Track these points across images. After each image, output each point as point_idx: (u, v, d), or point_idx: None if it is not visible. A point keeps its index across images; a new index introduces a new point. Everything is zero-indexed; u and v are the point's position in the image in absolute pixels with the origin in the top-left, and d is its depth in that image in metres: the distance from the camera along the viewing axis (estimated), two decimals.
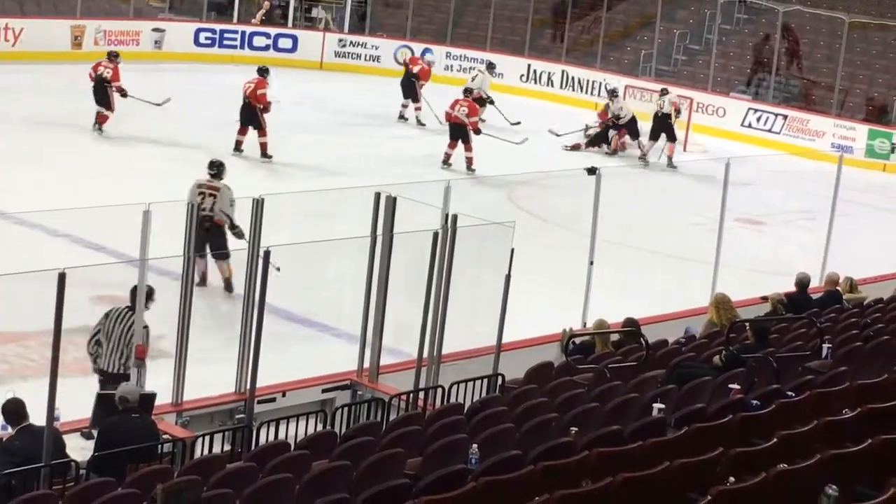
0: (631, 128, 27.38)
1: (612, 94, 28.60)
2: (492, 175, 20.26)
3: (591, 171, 14.97)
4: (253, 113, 23.31)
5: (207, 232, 15.10)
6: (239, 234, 14.81)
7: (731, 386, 10.77)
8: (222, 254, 15.43)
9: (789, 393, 10.39)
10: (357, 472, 8.83)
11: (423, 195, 12.30)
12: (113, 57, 24.74)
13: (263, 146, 23.44)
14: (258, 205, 11.14)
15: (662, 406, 10.17)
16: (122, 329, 11.67)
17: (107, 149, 22.80)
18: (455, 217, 11.89)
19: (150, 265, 10.92)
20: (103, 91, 24.15)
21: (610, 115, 27.57)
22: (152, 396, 10.54)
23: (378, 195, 12.00)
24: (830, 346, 12.28)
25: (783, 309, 14.36)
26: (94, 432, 10.19)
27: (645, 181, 24.61)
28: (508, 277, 12.19)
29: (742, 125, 30.95)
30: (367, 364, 12.27)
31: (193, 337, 11.15)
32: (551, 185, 22.35)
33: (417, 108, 28.10)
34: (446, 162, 24.11)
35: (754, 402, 10.12)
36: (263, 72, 24.08)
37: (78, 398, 10.45)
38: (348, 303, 13.21)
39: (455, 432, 9.65)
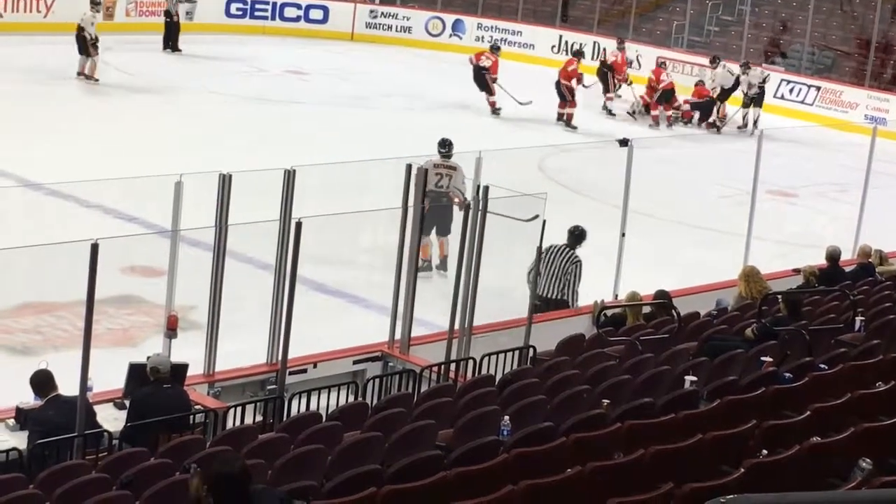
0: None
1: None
2: (524, 146, 20.18)
3: (623, 142, 14.91)
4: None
5: (444, 209, 15.64)
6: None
7: (763, 359, 10.73)
8: (447, 230, 15.72)
9: (822, 366, 10.35)
10: (388, 443, 8.84)
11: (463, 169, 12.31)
12: (494, 49, 27.11)
13: (570, 117, 26.22)
14: (289, 176, 11.13)
15: (694, 378, 10.13)
16: (561, 262, 13.99)
17: (137, 122, 22.79)
18: (486, 188, 11.85)
19: (183, 236, 10.91)
20: (482, 79, 26.54)
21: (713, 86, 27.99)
22: (184, 367, 10.53)
23: (409, 167, 11.97)
24: (863, 318, 12.22)
25: (815, 281, 14.28)
26: (127, 402, 10.18)
27: (676, 153, 24.48)
28: (539, 249, 12.15)
29: (775, 97, 30.74)
30: (398, 335, 12.25)
31: (225, 307, 11.13)
32: (583, 157, 22.29)
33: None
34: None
35: (787, 374, 10.08)
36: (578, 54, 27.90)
37: (111, 368, 10.42)
38: (379, 274, 13.19)
39: (486, 404, 9.64)
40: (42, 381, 9.76)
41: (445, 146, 16.52)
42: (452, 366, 11.71)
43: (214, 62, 27.56)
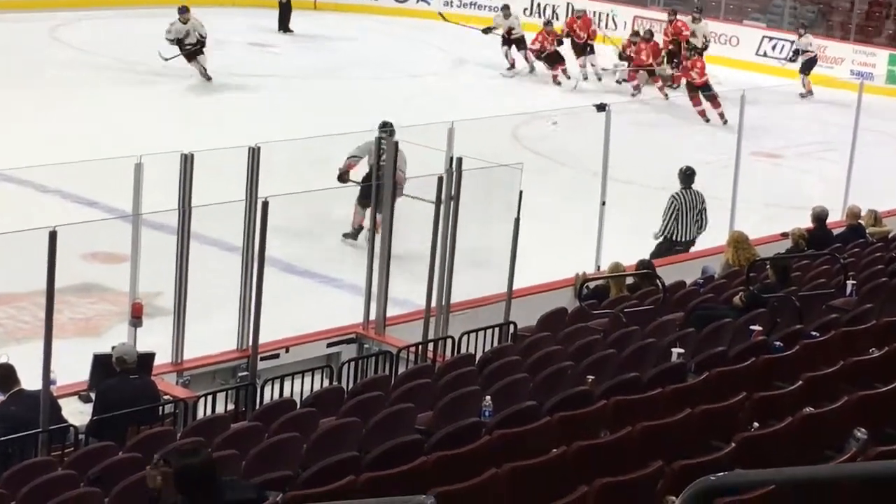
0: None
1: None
2: (497, 115, 19.90)
3: (601, 107, 14.67)
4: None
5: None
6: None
7: (752, 327, 10.54)
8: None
9: (813, 333, 10.14)
10: (366, 428, 8.68)
11: (426, 138, 12.04)
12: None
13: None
14: (254, 153, 10.87)
15: (682, 350, 9.95)
16: (697, 203, 15.17)
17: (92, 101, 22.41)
18: (460, 160, 11.60)
19: (145, 220, 10.67)
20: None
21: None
22: (151, 356, 10.33)
23: (379, 139, 11.70)
24: (854, 282, 12.02)
25: (805, 245, 14.05)
26: (92, 395, 9.93)
27: (656, 117, 24.23)
28: (518, 221, 11.92)
29: (757, 54, 30.46)
30: (373, 316, 12.04)
31: (192, 293, 10.87)
32: (559, 124, 22.01)
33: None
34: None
35: (777, 343, 9.90)
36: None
37: (74, 360, 10.15)
38: (352, 253, 12.94)
39: (467, 384, 9.49)
40: (4, 376, 9.53)
41: (386, 127, 16.28)
42: (430, 346, 11.51)
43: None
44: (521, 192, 11.76)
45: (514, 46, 27.86)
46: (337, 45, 29.76)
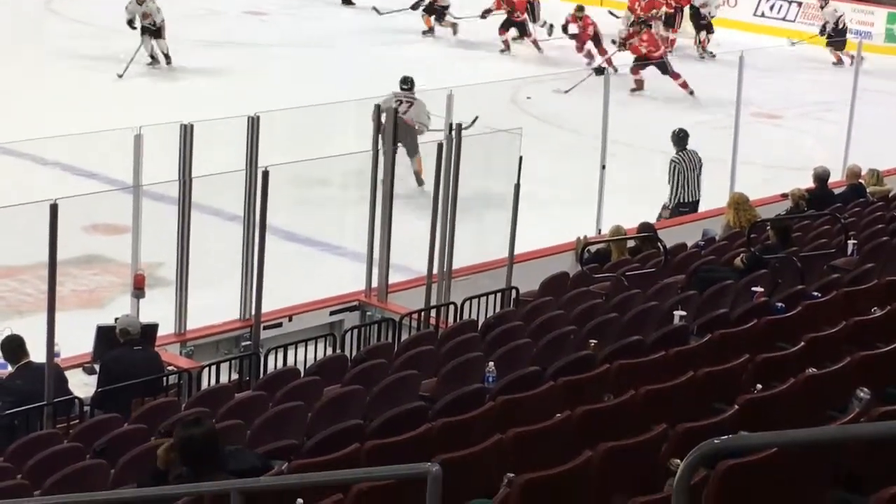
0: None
1: None
2: (496, 80, 19.84)
3: (599, 71, 14.63)
4: None
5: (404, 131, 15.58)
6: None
7: (754, 289, 10.51)
8: (415, 149, 15.99)
9: (815, 293, 10.10)
10: (370, 396, 8.66)
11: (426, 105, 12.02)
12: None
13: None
14: (253, 123, 10.83)
15: (684, 313, 9.90)
16: (694, 164, 15.10)
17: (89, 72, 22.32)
18: (459, 126, 11.55)
19: (146, 191, 10.64)
20: None
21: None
22: (154, 327, 10.31)
23: (378, 107, 11.65)
24: (855, 242, 11.99)
25: (805, 205, 14.01)
26: (97, 367, 9.92)
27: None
28: (518, 186, 11.88)
29: (755, 15, 30.30)
30: (375, 283, 12.01)
31: (194, 263, 10.85)
32: (557, 88, 21.93)
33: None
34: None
35: (779, 304, 9.85)
36: None
37: (78, 332, 10.13)
38: (353, 221, 12.91)
39: (470, 350, 9.46)
40: (14, 348, 9.51)
41: (407, 83, 16.64)
42: (433, 312, 11.46)
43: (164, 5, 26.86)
44: (520, 158, 11.72)
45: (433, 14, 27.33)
46: (329, 11, 29.57)
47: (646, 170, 17.70)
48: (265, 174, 10.39)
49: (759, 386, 7.69)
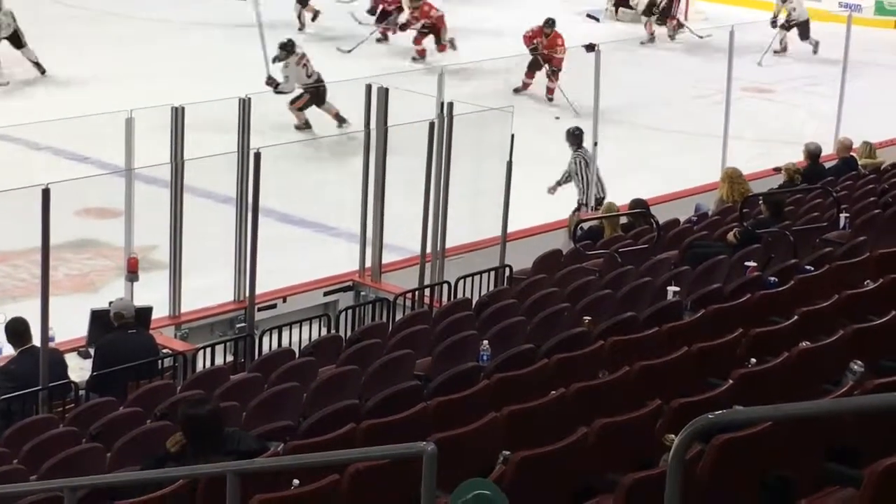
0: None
1: None
2: (485, 59, 19.78)
3: (590, 47, 14.58)
4: None
5: None
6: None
7: (747, 263, 10.49)
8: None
9: (808, 267, 10.12)
10: (365, 376, 8.66)
11: (416, 85, 11.95)
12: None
13: None
14: (244, 105, 10.80)
15: (677, 289, 9.93)
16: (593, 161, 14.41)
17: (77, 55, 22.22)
18: (451, 105, 11.53)
19: (138, 174, 10.62)
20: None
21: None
22: (149, 310, 10.29)
23: (369, 87, 11.63)
24: (847, 215, 11.99)
25: (800, 179, 13.99)
26: (91, 351, 9.91)
27: (644, 55, 24.08)
28: (510, 164, 11.87)
29: None
30: (368, 263, 12.00)
31: (187, 246, 10.84)
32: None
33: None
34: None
35: (772, 278, 9.86)
36: None
37: (72, 316, 10.12)
38: (346, 201, 12.88)
39: (464, 329, 9.46)
40: (19, 332, 9.44)
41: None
42: (427, 291, 11.45)
43: None
44: (512, 136, 11.70)
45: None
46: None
47: (637, 146, 17.70)
48: (257, 156, 10.37)
49: (752, 360, 7.68)
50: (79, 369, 9.78)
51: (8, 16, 20.62)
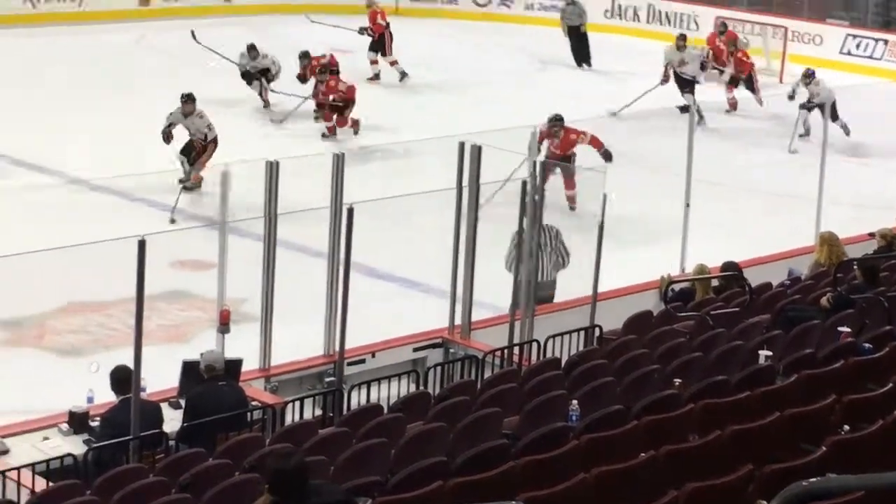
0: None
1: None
2: (579, 118, 19.81)
3: (684, 108, 14.54)
4: None
5: None
6: None
7: (840, 329, 10.37)
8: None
9: None
10: (453, 433, 8.63)
11: (508, 142, 11.96)
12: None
13: None
14: (339, 160, 10.87)
15: (769, 353, 9.83)
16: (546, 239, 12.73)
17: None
18: (543, 163, 11.54)
19: (231, 227, 10.70)
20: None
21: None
22: (238, 363, 10.34)
23: (462, 144, 11.66)
24: None
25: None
26: (182, 402, 9.97)
27: (737, 116, 23.97)
28: (602, 224, 11.82)
29: (840, 52, 30.01)
30: (458, 320, 11.99)
31: (278, 299, 10.90)
32: (640, 125, 21.84)
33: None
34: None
35: (866, 345, 9.76)
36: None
37: (163, 366, 10.21)
38: (436, 257, 12.91)
39: (553, 388, 9.43)
40: (122, 379, 9.49)
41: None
42: (516, 349, 11.42)
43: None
44: (605, 196, 11.67)
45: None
46: (417, 49, 29.72)
47: (729, 207, 17.59)
48: (350, 211, 10.43)
49: (846, 427, 7.62)
50: (169, 420, 9.83)
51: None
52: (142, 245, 8.92)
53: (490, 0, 34.57)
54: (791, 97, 22.71)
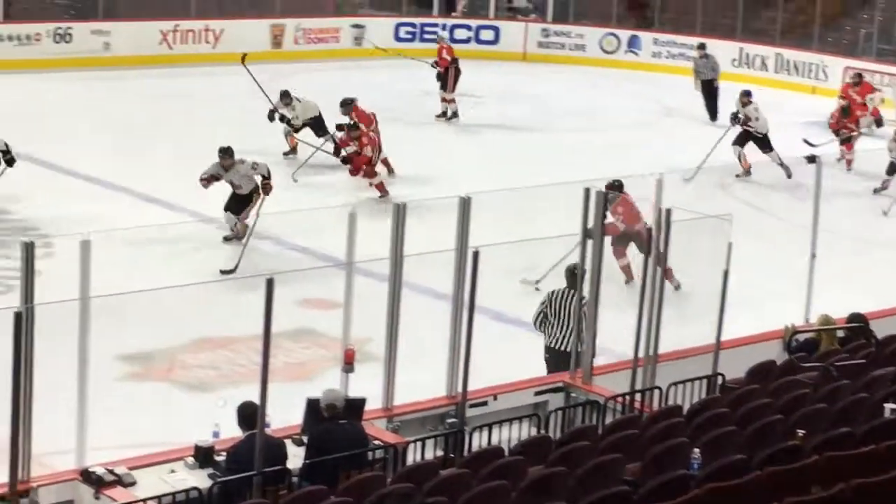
0: None
1: None
2: (708, 166, 19.76)
3: (811, 159, 14.43)
4: None
5: None
6: None
7: None
8: None
9: None
10: (574, 478, 8.60)
11: (634, 189, 12.00)
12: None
13: None
14: (465, 204, 10.95)
15: (895, 406, 9.65)
16: (570, 309, 12.59)
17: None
18: (669, 211, 11.51)
19: (358, 267, 10.80)
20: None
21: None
22: (362, 402, 10.41)
23: (588, 190, 11.69)
24: None
25: None
26: (305, 439, 10.09)
27: (863, 166, 23.68)
28: (727, 273, 11.75)
29: None
30: (580, 365, 11.98)
31: (402, 339, 10.99)
32: (765, 175, 21.71)
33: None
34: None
35: None
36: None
37: (287, 403, 10.34)
38: None
39: (675, 436, 9.38)
40: (250, 414, 9.59)
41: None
42: (637, 396, 11.39)
43: (383, 86, 27.55)
44: (730, 244, 11.62)
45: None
46: (544, 95, 29.87)
47: (856, 258, 17.41)
48: (475, 254, 10.50)
49: None
50: (293, 456, 9.94)
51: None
52: (270, 283, 9.04)
53: (617, 47, 34.63)
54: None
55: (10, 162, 18.52)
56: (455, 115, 26.55)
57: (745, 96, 23.01)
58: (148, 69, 29.32)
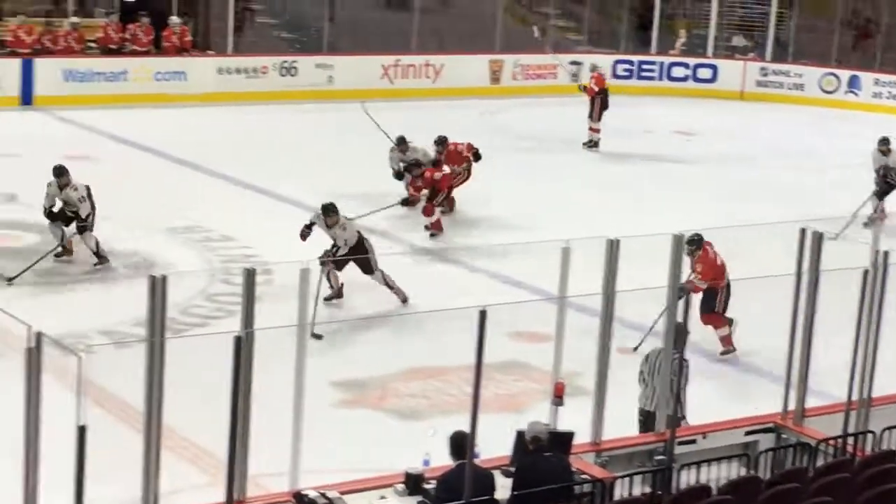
0: None
1: None
2: None
3: None
4: None
5: None
6: None
7: None
8: None
9: None
10: None
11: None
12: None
13: None
14: (677, 241, 10.93)
15: None
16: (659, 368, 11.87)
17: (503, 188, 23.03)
18: (886, 253, 11.30)
19: (570, 302, 10.85)
20: None
21: None
22: (570, 435, 10.43)
23: (804, 231, 11.55)
24: None
25: None
26: (512, 470, 10.16)
27: None
28: None
29: None
30: (791, 406, 11.82)
31: (612, 374, 11.00)
32: None
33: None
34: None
35: None
36: None
37: (495, 434, 10.42)
38: (771, 342, 12.77)
39: (888, 481, 9.28)
40: (461, 444, 9.63)
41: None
42: (850, 439, 11.18)
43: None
44: None
45: None
46: (759, 133, 29.55)
47: None
48: (683, 290, 10.45)
49: None
50: (500, 487, 10.01)
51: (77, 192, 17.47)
52: (483, 315, 9.13)
53: (837, 87, 34.08)
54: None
55: (81, 229, 17.39)
56: (595, 144, 26.75)
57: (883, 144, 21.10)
58: (373, 102, 29.90)
